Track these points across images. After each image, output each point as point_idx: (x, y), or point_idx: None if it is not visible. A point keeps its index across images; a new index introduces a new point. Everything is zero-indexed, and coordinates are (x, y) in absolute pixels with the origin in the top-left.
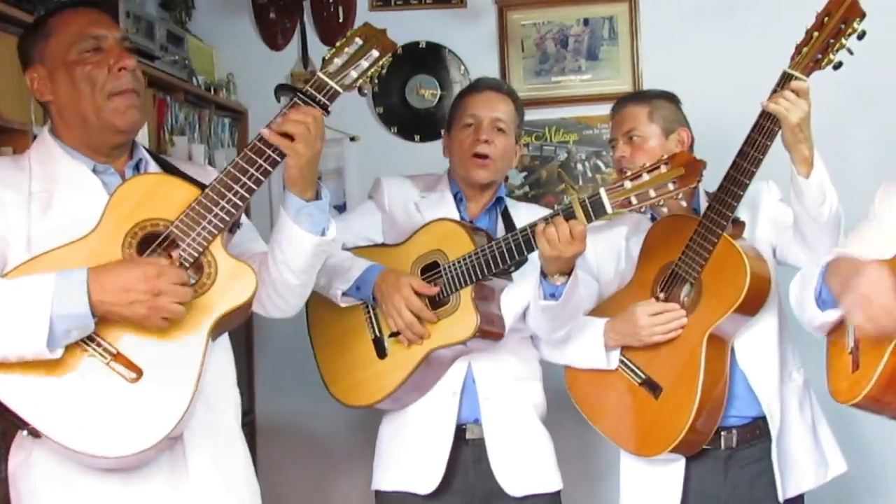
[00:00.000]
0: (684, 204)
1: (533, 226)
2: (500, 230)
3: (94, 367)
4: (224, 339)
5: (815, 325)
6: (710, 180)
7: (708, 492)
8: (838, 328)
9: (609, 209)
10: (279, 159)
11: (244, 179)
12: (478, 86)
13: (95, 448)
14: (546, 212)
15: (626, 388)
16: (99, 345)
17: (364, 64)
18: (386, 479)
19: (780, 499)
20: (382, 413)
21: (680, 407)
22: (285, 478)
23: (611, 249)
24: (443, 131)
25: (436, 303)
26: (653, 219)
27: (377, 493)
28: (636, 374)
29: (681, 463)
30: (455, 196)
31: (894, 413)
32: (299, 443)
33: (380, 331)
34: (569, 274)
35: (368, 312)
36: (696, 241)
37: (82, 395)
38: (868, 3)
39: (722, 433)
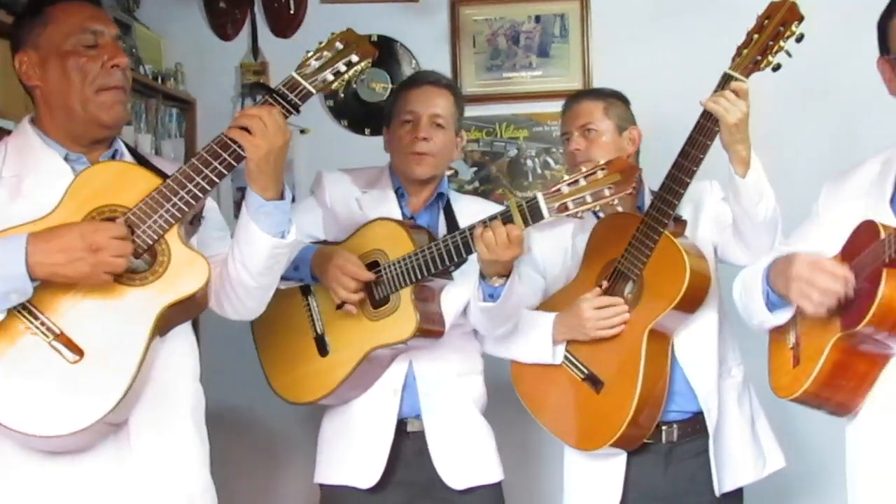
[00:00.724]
0: (620, 209)
1: (472, 228)
2: (442, 225)
3: (36, 345)
4: (188, 334)
5: (765, 328)
6: (657, 179)
7: (648, 485)
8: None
9: (546, 214)
10: (244, 154)
11: (206, 172)
12: (416, 80)
13: (29, 426)
14: (489, 205)
15: (569, 382)
16: (43, 323)
17: (342, 68)
18: (328, 473)
19: (717, 493)
20: (326, 407)
21: (621, 402)
22: (232, 469)
23: (557, 246)
24: (384, 126)
25: (376, 302)
26: (598, 217)
27: (321, 485)
28: (579, 369)
29: (622, 457)
30: (396, 191)
31: (833, 408)
32: (246, 435)
33: (322, 328)
34: (507, 275)
35: (309, 310)
36: (638, 239)
37: (22, 373)
38: (807, 6)
39: (663, 428)
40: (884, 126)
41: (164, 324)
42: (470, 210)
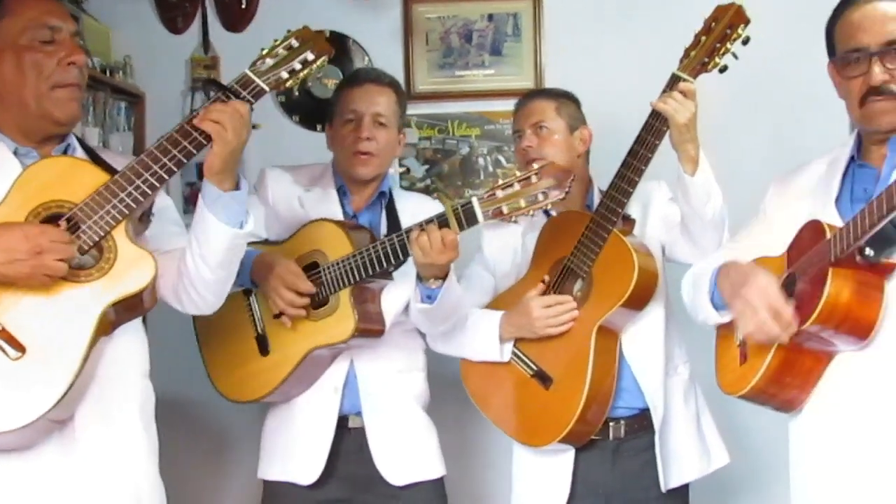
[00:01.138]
0: (554, 213)
1: (408, 231)
2: (384, 223)
3: None
4: (138, 331)
5: (710, 324)
6: (607, 178)
7: (596, 481)
8: (728, 322)
9: (481, 218)
10: (195, 151)
11: (155, 168)
12: (357, 78)
13: None
14: (432, 203)
15: (518, 379)
16: None
17: (297, 66)
18: (270, 469)
19: (663, 488)
20: (270, 404)
21: (570, 398)
22: (180, 465)
23: (507, 245)
24: (326, 124)
25: (316, 303)
26: (548, 215)
27: (264, 481)
28: (528, 366)
29: (570, 453)
30: (339, 190)
31: (779, 405)
32: (195, 430)
33: (263, 328)
34: (444, 277)
35: (251, 309)
36: (587, 237)
37: None
38: (753, 9)
39: (610, 424)
40: (828, 127)
41: (109, 321)
42: (413, 208)
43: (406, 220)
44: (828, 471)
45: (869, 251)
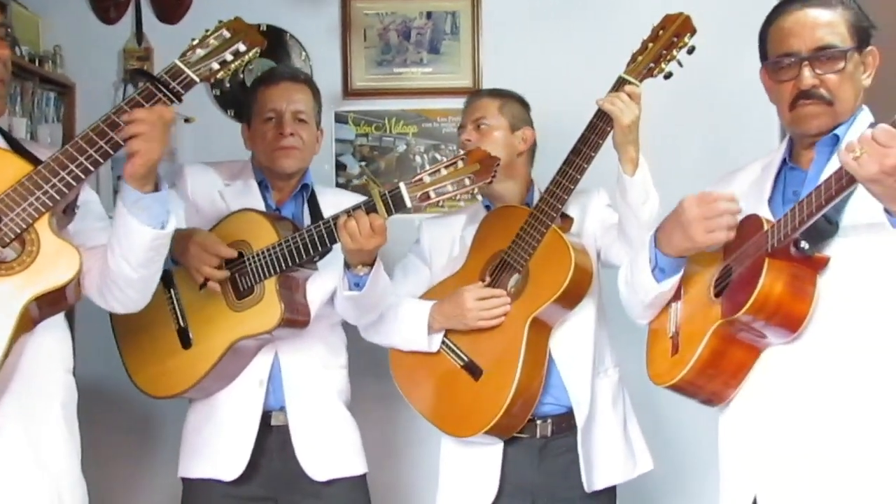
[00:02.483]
0: (480, 198)
1: (336, 217)
2: (307, 217)
3: None
4: (61, 325)
5: (648, 300)
6: (547, 177)
7: (523, 479)
8: (661, 314)
9: (409, 203)
10: (122, 143)
11: (81, 159)
12: (274, 77)
13: None
14: (354, 197)
15: (447, 370)
16: None
17: (228, 57)
18: (191, 466)
19: (586, 489)
20: (191, 400)
21: (498, 389)
22: (103, 462)
23: (445, 238)
24: (242, 123)
25: (240, 293)
26: (488, 209)
27: (184, 479)
28: (459, 356)
29: (498, 451)
30: (260, 184)
31: (707, 397)
32: (115, 426)
33: (184, 320)
34: (372, 264)
35: (172, 302)
36: (525, 231)
37: None
38: (699, 20)
39: (538, 422)
40: (761, 132)
41: (31, 316)
42: (334, 202)
43: (328, 213)
44: (756, 463)
45: (804, 244)
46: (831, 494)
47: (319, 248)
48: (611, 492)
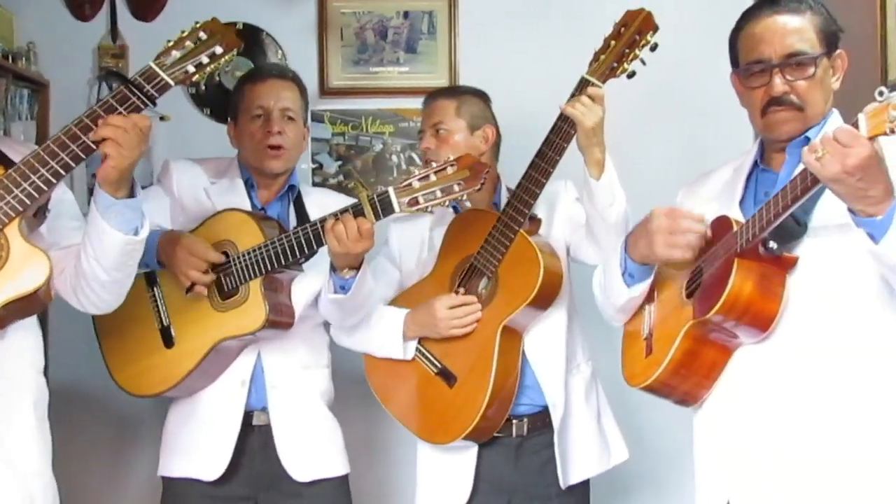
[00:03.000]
0: (468, 205)
1: (323, 220)
2: (293, 217)
3: None
4: (33, 326)
5: (619, 304)
6: (516, 177)
7: (499, 478)
8: (635, 317)
9: (397, 208)
10: (94, 147)
11: (52, 163)
12: (261, 74)
13: None
14: (341, 198)
15: (422, 377)
16: None
17: (204, 59)
18: (172, 465)
19: (562, 485)
20: (171, 399)
21: (473, 396)
22: (75, 464)
23: (414, 239)
24: (228, 120)
25: (225, 293)
26: (456, 211)
27: (164, 479)
28: (433, 363)
29: (473, 450)
30: (246, 182)
31: (681, 397)
32: (90, 427)
33: (167, 319)
34: (358, 268)
35: (155, 301)
36: (494, 236)
37: None
38: (660, 17)
39: (513, 421)
40: (732, 134)
41: (3, 320)
42: (321, 203)
43: (314, 214)
44: (731, 462)
45: (773, 244)
46: (802, 495)
47: (306, 251)
48: (584, 485)
